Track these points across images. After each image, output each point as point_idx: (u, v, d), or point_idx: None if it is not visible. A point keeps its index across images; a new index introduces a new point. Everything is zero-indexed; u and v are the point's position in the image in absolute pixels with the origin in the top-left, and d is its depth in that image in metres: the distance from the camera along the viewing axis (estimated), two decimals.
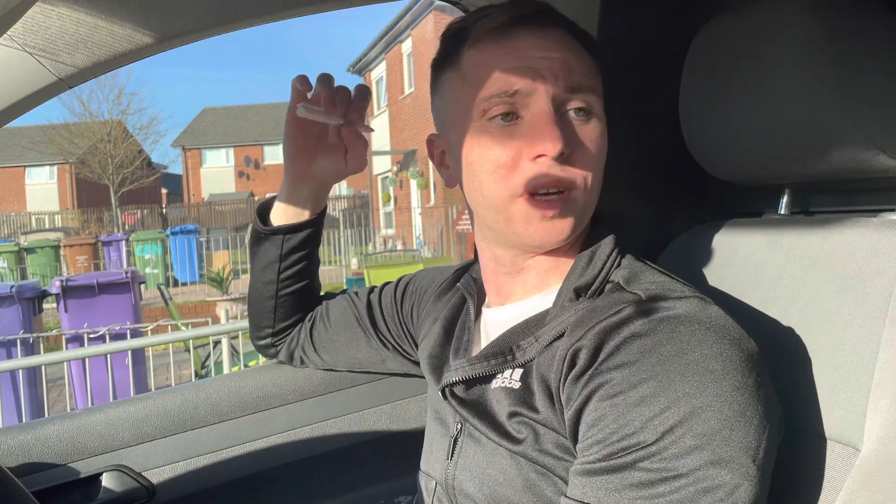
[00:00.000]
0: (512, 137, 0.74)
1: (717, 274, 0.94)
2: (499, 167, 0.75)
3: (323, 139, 1.03)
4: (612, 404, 0.65)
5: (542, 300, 0.81)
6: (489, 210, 0.78)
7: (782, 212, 0.97)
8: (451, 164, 0.84)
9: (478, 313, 0.91)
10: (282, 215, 1.07)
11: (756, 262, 0.88)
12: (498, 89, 0.74)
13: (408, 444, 1.13)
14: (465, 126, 0.78)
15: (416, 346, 1.06)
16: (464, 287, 0.93)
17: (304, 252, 1.09)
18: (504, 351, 0.79)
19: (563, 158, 0.73)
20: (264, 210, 1.10)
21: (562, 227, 0.75)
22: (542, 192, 0.74)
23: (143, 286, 7.15)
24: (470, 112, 0.77)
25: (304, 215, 1.07)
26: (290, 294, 1.11)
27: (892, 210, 0.82)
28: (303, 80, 0.99)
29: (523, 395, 0.75)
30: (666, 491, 0.61)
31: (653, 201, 1.19)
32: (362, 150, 1.02)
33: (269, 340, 1.16)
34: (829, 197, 0.97)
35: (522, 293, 0.84)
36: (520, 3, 0.77)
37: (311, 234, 1.08)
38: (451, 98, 0.81)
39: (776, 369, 0.73)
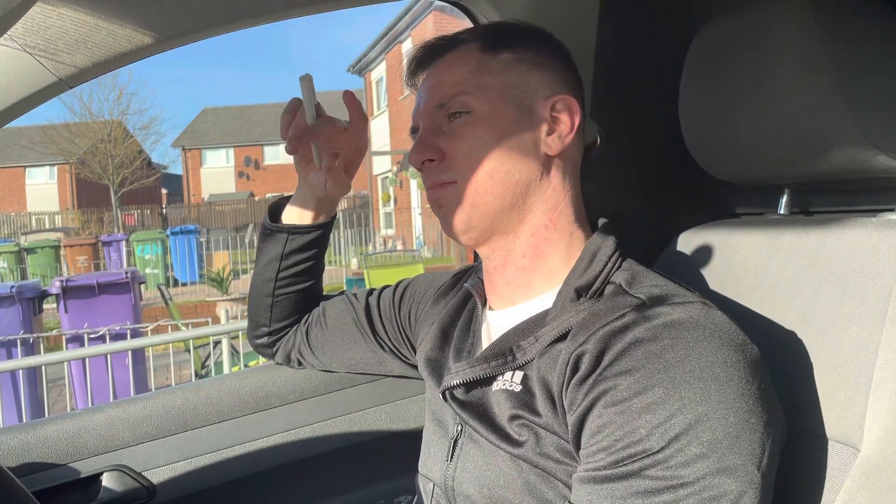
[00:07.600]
0: None
1: (716, 274, 0.94)
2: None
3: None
4: (617, 411, 0.65)
5: (543, 302, 0.82)
6: None
7: (782, 212, 0.97)
8: None
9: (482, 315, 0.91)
10: (290, 216, 1.10)
11: (756, 262, 0.88)
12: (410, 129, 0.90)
13: (407, 444, 1.12)
14: None
15: (414, 349, 1.06)
16: (472, 286, 0.94)
17: (306, 255, 1.10)
18: (504, 352, 0.79)
19: (437, 163, 0.83)
20: (276, 208, 1.12)
21: (446, 215, 0.84)
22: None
23: (143, 286, 7.15)
24: None
25: (308, 219, 1.08)
26: (288, 295, 1.12)
27: (892, 210, 0.82)
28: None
29: (524, 398, 0.75)
30: (672, 499, 0.61)
31: (652, 201, 1.19)
32: (338, 178, 1.03)
33: (265, 340, 1.17)
34: (829, 197, 0.97)
35: (511, 293, 0.85)
36: (418, 48, 0.89)
37: (314, 239, 1.09)
38: None
39: (776, 369, 0.73)
